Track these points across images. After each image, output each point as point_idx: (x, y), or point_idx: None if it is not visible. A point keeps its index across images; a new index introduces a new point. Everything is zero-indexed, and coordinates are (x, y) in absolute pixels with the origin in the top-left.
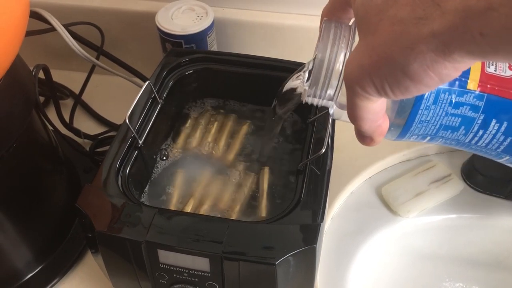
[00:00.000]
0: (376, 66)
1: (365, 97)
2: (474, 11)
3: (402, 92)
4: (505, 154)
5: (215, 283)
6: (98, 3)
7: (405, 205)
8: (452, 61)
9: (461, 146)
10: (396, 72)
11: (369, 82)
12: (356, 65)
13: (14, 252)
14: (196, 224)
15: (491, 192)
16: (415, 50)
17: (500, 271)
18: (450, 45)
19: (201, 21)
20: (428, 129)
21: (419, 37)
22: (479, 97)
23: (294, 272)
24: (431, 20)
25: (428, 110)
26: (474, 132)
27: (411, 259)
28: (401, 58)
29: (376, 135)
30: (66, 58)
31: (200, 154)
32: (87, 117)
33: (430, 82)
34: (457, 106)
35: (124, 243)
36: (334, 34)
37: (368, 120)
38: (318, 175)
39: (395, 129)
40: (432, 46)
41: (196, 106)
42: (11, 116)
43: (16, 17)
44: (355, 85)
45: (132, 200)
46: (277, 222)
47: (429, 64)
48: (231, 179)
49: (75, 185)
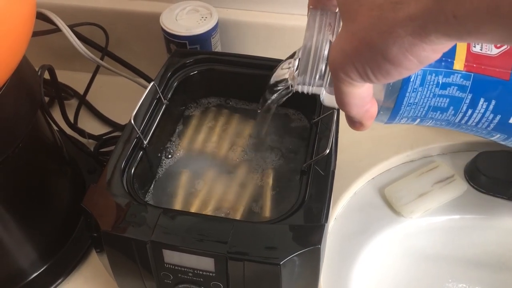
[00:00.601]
0: (357, 52)
1: (350, 83)
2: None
3: (384, 76)
4: (496, 132)
5: (219, 283)
6: (103, 4)
7: (408, 206)
8: (430, 43)
9: (452, 126)
10: (376, 56)
11: (352, 68)
12: (338, 51)
13: (19, 251)
14: (201, 224)
15: (494, 193)
16: (393, 34)
17: (503, 272)
18: (426, 27)
19: (205, 22)
20: (417, 111)
21: (396, 21)
22: (465, 76)
23: (298, 272)
24: (406, 4)
25: (415, 92)
26: (463, 112)
27: (414, 259)
28: (380, 43)
29: (365, 120)
30: (70, 58)
31: (204, 154)
32: (91, 118)
33: (410, 65)
34: (445, 86)
35: (129, 243)
36: (319, 22)
37: (355, 105)
38: (322, 175)
39: (384, 113)
40: (409, 30)
41: (200, 106)
42: (17, 116)
43: (23, 18)
44: (338, 71)
45: (137, 200)
46: (281, 223)
47: (407, 47)
48: (236, 179)
49: (80, 185)
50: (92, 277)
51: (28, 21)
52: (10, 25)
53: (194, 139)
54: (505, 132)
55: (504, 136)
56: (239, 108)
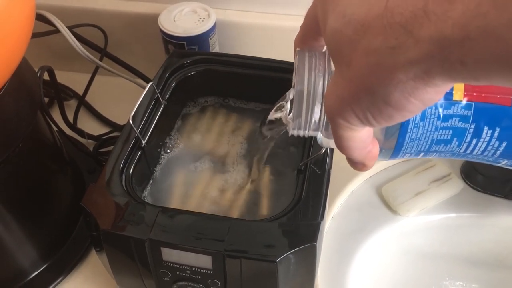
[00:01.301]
0: (356, 98)
1: (349, 128)
2: (451, 41)
3: (386, 120)
4: (503, 159)
5: (217, 280)
6: (102, 5)
7: (405, 205)
8: (433, 86)
9: (457, 156)
10: (377, 102)
11: (351, 113)
12: (335, 98)
13: (19, 251)
14: (199, 223)
15: (490, 191)
16: (394, 80)
17: (500, 270)
18: (429, 72)
19: (203, 23)
20: (420, 145)
21: (395, 66)
22: (466, 106)
23: (294, 269)
24: (405, 49)
25: (417, 127)
26: (467, 142)
27: (411, 258)
28: (381, 89)
29: (367, 161)
30: (70, 59)
31: (202, 153)
32: (90, 118)
33: (413, 108)
34: (446, 119)
35: (128, 241)
36: (309, 64)
37: (356, 148)
38: (318, 174)
39: (386, 151)
40: (411, 75)
41: (198, 106)
42: (17, 117)
43: (23, 20)
44: (337, 118)
45: (135, 199)
46: (278, 221)
47: (410, 92)
48: (233, 177)
49: (79, 185)
50: (91, 276)
51: (28, 22)
52: (9, 27)
53: (192, 137)
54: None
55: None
56: (237, 107)
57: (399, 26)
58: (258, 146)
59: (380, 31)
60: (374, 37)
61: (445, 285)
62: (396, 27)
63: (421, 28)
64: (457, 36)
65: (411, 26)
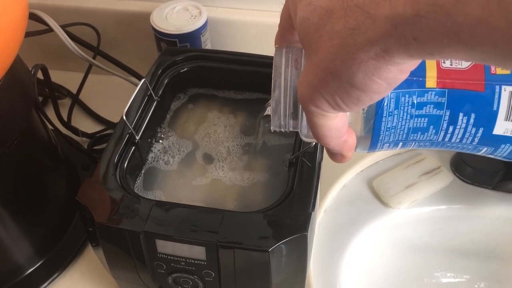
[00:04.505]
0: (324, 82)
1: (322, 115)
2: (403, 18)
3: (355, 103)
4: (482, 146)
5: (211, 271)
6: (95, 4)
7: (396, 197)
8: (395, 64)
9: (436, 146)
10: (344, 84)
11: (321, 99)
12: (306, 85)
13: (15, 247)
14: (192, 215)
15: (479, 184)
16: (356, 60)
17: (490, 261)
18: (388, 50)
19: (195, 21)
20: (397, 135)
21: (356, 47)
22: (440, 93)
23: (286, 259)
24: (364, 29)
25: (391, 116)
26: (444, 129)
27: (402, 249)
28: (345, 70)
29: (345, 151)
30: (63, 58)
31: (194, 145)
32: (84, 116)
33: (378, 88)
34: (421, 106)
35: (123, 234)
36: (285, 60)
37: (332, 137)
38: (309, 167)
39: (364, 142)
40: (371, 54)
41: (190, 102)
42: (12, 113)
43: (16, 19)
44: (309, 104)
45: (130, 193)
46: (270, 212)
47: (373, 71)
48: (226, 169)
49: (74, 182)
50: (88, 271)
51: (21, 21)
52: (2, 26)
53: (184, 131)
54: (491, 145)
55: (491, 149)
56: (230, 99)
57: (357, 8)
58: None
59: (341, 14)
60: (337, 20)
61: (436, 277)
62: (355, 9)
63: (377, 8)
64: (409, 14)
65: (368, 7)
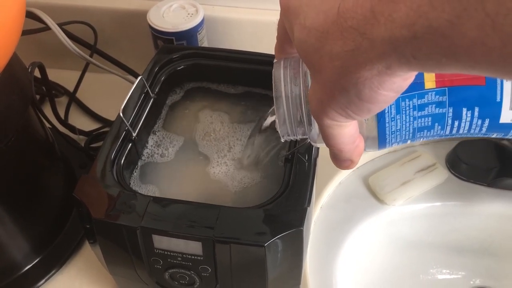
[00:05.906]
0: (334, 99)
1: (337, 125)
2: (401, 41)
3: (367, 113)
4: (492, 132)
5: (208, 266)
6: (92, 2)
7: (391, 194)
8: (398, 76)
9: (446, 137)
10: (352, 99)
11: (334, 112)
12: (316, 102)
13: (12, 244)
14: (188, 210)
15: (474, 180)
16: (361, 79)
17: (485, 257)
18: (390, 67)
19: (191, 19)
20: (404, 135)
21: (358, 66)
22: (440, 92)
23: (282, 254)
24: (363, 50)
25: (394, 120)
26: (450, 124)
27: (398, 246)
28: (352, 88)
29: (354, 156)
30: (60, 56)
31: (191, 142)
32: (81, 114)
33: (386, 98)
34: (422, 107)
35: (120, 230)
36: (284, 72)
37: (345, 143)
38: (305, 163)
39: (371, 145)
40: (374, 72)
41: (187, 100)
42: (9, 111)
43: (13, 16)
44: (324, 118)
45: (127, 189)
46: (266, 207)
47: (378, 86)
48: (222, 165)
49: (71, 180)
50: (85, 268)
51: (18, 19)
52: (0, 23)
53: (181, 129)
54: (501, 131)
55: (502, 134)
56: (226, 94)
57: (353, 30)
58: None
59: (338, 36)
60: (334, 42)
61: (432, 273)
62: (351, 30)
63: (373, 29)
64: (406, 36)
65: (363, 29)
